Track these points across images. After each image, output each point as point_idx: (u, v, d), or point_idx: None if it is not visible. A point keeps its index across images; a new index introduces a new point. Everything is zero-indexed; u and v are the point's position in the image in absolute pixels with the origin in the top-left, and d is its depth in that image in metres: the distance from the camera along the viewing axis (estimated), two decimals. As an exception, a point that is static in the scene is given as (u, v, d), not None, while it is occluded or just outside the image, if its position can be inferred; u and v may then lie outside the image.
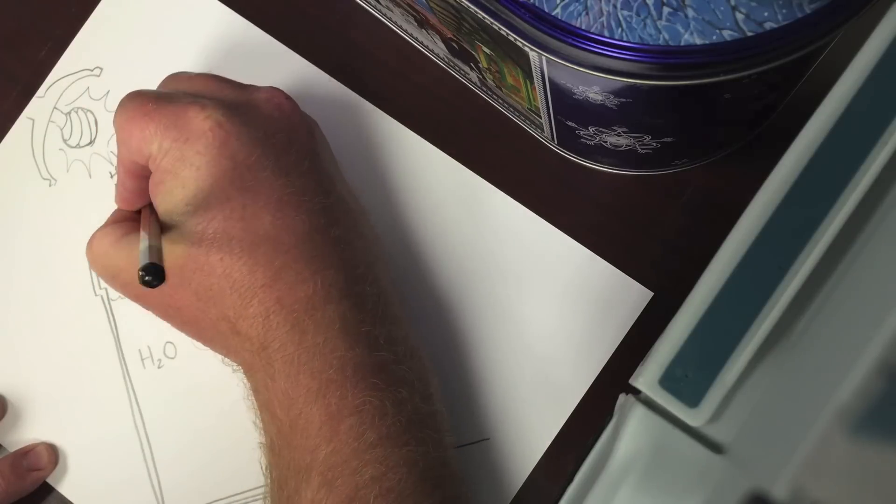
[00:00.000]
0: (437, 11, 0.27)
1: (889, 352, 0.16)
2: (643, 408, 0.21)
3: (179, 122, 0.27)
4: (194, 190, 0.27)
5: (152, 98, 0.28)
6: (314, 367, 0.27)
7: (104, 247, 0.30)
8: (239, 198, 0.27)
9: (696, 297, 0.20)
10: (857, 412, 0.16)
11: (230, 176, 0.27)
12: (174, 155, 0.27)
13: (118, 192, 0.31)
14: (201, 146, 0.27)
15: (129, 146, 0.28)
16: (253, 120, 0.28)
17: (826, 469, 0.16)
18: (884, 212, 0.20)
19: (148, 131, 0.27)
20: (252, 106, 0.29)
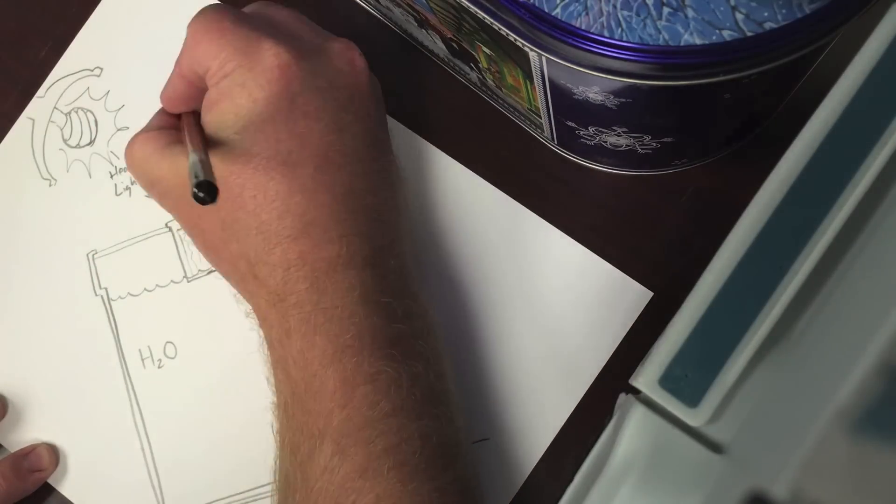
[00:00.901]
0: (437, 11, 0.27)
1: (889, 352, 0.16)
2: (643, 408, 0.21)
3: (250, 49, 0.27)
4: (246, 120, 0.27)
5: (232, 16, 0.28)
6: (330, 330, 0.27)
7: (146, 152, 0.29)
8: (287, 141, 0.27)
9: (696, 297, 0.20)
10: (857, 412, 0.16)
11: (285, 117, 0.27)
12: (236, 79, 0.27)
13: (166, 92, 0.31)
14: (264, 80, 0.27)
15: (194, 53, 0.28)
16: (322, 69, 0.28)
17: (826, 469, 0.16)
18: (884, 212, 0.20)
19: (217, 46, 0.27)
20: (325, 55, 0.29)
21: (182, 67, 0.29)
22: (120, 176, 0.37)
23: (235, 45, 0.27)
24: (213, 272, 0.36)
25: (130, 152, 0.30)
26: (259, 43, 0.27)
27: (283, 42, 0.27)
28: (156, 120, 0.31)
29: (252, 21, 0.28)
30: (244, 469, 0.34)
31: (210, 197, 0.24)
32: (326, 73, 0.28)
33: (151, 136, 0.30)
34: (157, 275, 0.36)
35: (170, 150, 0.29)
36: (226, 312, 0.35)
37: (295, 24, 0.30)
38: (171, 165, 0.29)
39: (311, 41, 0.29)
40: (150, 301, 0.36)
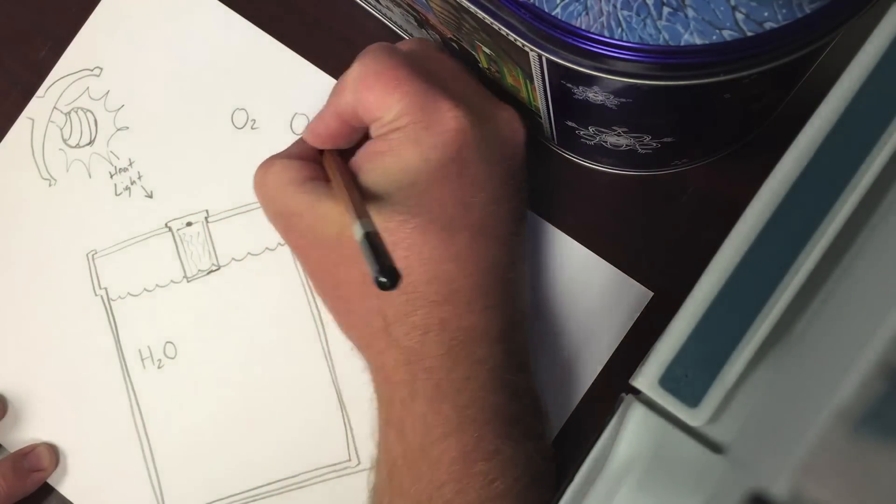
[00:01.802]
0: (437, 11, 0.27)
1: (889, 352, 0.16)
2: (643, 408, 0.21)
3: (429, 107, 0.26)
4: (413, 179, 0.26)
5: (407, 64, 0.26)
6: (458, 400, 0.26)
7: (283, 181, 0.28)
8: (451, 207, 0.26)
9: (696, 297, 0.20)
10: (857, 412, 0.16)
11: (452, 184, 0.26)
12: (409, 134, 0.26)
13: (315, 125, 0.29)
14: (440, 142, 0.26)
15: (364, 99, 0.26)
16: (491, 138, 0.27)
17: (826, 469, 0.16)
18: (884, 212, 0.20)
19: (392, 97, 0.26)
20: (494, 122, 0.28)
21: (341, 107, 0.28)
22: (119, 176, 0.37)
23: (412, 98, 0.26)
24: (212, 272, 0.36)
25: (263, 177, 0.29)
26: (437, 102, 0.26)
27: (461, 105, 0.26)
28: (296, 149, 0.30)
29: (426, 73, 0.27)
30: (244, 469, 0.34)
31: (393, 284, 0.22)
32: (494, 143, 0.28)
33: (292, 165, 0.28)
34: (156, 275, 0.36)
35: (311, 185, 0.28)
36: (225, 312, 0.35)
37: (462, 78, 0.29)
38: (311, 203, 0.27)
39: (482, 105, 0.28)
40: (150, 301, 0.36)
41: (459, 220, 0.26)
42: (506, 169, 0.28)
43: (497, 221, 0.27)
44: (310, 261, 0.29)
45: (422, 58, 0.29)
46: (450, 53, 0.30)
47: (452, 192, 0.26)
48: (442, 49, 0.30)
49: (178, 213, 0.36)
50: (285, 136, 0.36)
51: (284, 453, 0.34)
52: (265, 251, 0.35)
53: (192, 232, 0.36)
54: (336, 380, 0.34)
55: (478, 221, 0.27)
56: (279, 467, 0.34)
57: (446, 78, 0.28)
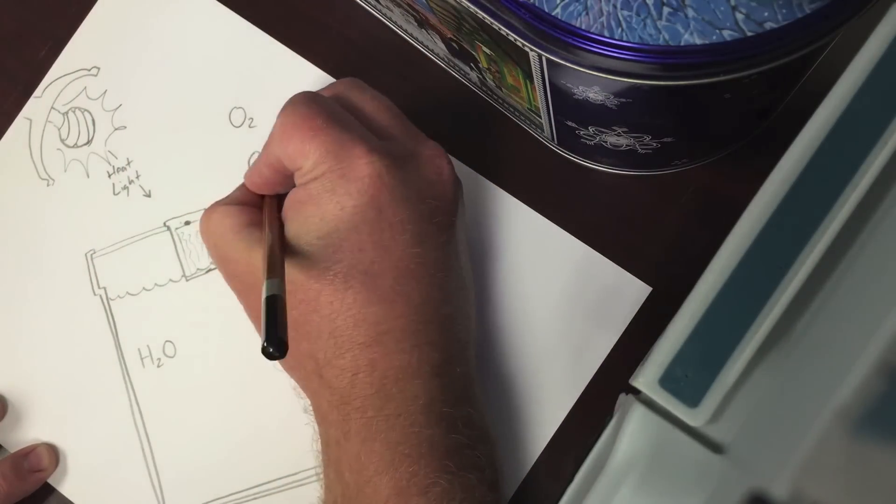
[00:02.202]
0: (437, 11, 0.27)
1: (889, 352, 0.16)
2: (643, 408, 0.21)
3: (342, 154, 0.27)
4: (332, 227, 0.27)
5: (323, 114, 0.27)
6: (390, 437, 0.26)
7: (223, 228, 0.29)
8: (371, 252, 0.27)
9: (696, 297, 0.20)
10: (857, 412, 0.16)
11: (371, 228, 0.27)
12: (325, 184, 0.27)
13: (251, 174, 0.30)
14: (354, 189, 0.27)
15: (285, 149, 0.27)
16: (411, 179, 0.28)
17: (826, 469, 0.16)
18: (884, 212, 0.20)
19: (308, 147, 0.27)
20: (415, 162, 0.28)
21: (270, 158, 0.29)
22: (117, 175, 0.37)
23: (328, 147, 0.27)
24: (211, 271, 0.36)
25: (207, 223, 0.30)
26: (352, 149, 0.27)
27: (376, 151, 0.27)
28: (238, 193, 0.31)
29: (344, 119, 0.28)
30: (244, 468, 0.34)
31: (280, 353, 0.23)
32: (415, 183, 0.28)
33: (231, 211, 0.29)
34: (155, 274, 0.36)
35: (247, 232, 0.29)
36: (225, 311, 0.35)
37: (385, 117, 0.29)
38: (245, 250, 0.28)
39: (402, 144, 0.29)
40: (149, 300, 0.36)
41: (380, 263, 0.27)
42: (428, 208, 0.28)
43: (422, 261, 0.27)
44: (247, 305, 0.30)
45: (345, 99, 0.29)
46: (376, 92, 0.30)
47: (371, 237, 0.27)
48: (366, 88, 0.30)
49: (177, 212, 0.36)
50: (284, 135, 0.36)
51: (284, 451, 0.34)
52: (264, 251, 0.35)
53: (190, 231, 0.36)
54: (335, 379, 0.34)
55: (400, 263, 0.27)
56: (279, 465, 0.34)
57: (370, 118, 0.29)
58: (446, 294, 0.28)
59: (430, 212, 0.28)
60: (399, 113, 0.30)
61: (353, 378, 0.27)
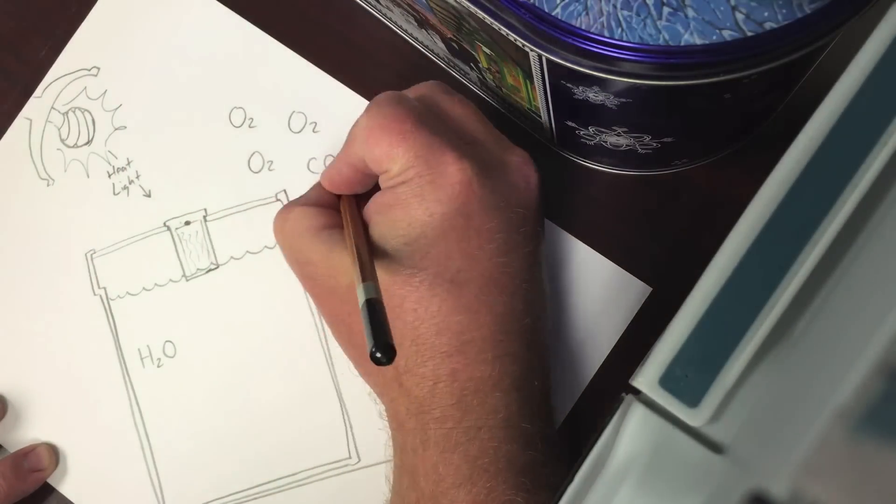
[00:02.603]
0: (437, 11, 0.27)
1: (889, 352, 0.16)
2: (643, 408, 0.21)
3: (433, 160, 0.26)
4: (419, 233, 0.26)
5: (413, 116, 0.27)
6: (469, 450, 0.26)
7: (301, 228, 0.29)
8: (458, 260, 0.26)
9: (696, 297, 0.20)
10: (857, 412, 0.16)
11: (459, 236, 0.26)
12: (414, 189, 0.26)
13: (329, 174, 0.30)
14: (444, 195, 0.26)
15: (372, 152, 0.27)
16: (500, 186, 0.27)
17: (826, 469, 0.16)
18: (884, 212, 0.20)
19: (397, 150, 0.26)
20: (504, 170, 0.28)
21: (352, 158, 0.28)
22: (117, 175, 0.37)
23: (417, 151, 0.26)
24: (211, 271, 0.36)
25: (283, 224, 0.29)
26: (442, 154, 0.26)
27: (466, 157, 0.26)
28: (314, 194, 0.30)
29: (433, 122, 0.27)
30: (244, 468, 0.34)
31: (388, 360, 0.22)
32: (504, 191, 0.27)
33: (309, 212, 0.29)
34: (155, 274, 0.36)
35: (327, 234, 0.28)
36: (225, 311, 0.35)
37: (472, 123, 0.29)
38: (326, 253, 0.28)
39: (491, 151, 0.28)
40: (149, 300, 0.36)
41: (467, 272, 0.26)
42: (517, 216, 0.28)
43: (508, 271, 0.27)
44: (325, 308, 0.30)
45: (432, 103, 0.29)
46: (461, 96, 0.30)
47: (458, 244, 0.26)
48: (451, 91, 0.30)
49: (177, 212, 0.36)
50: (283, 134, 0.36)
51: (284, 451, 0.34)
52: (264, 249, 0.35)
53: (190, 231, 0.36)
54: (336, 377, 0.34)
55: (486, 272, 0.27)
56: (279, 465, 0.34)
57: (457, 122, 0.28)
58: (528, 305, 0.28)
59: (518, 221, 0.28)
60: (485, 119, 0.29)
61: (434, 387, 0.26)
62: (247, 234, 0.36)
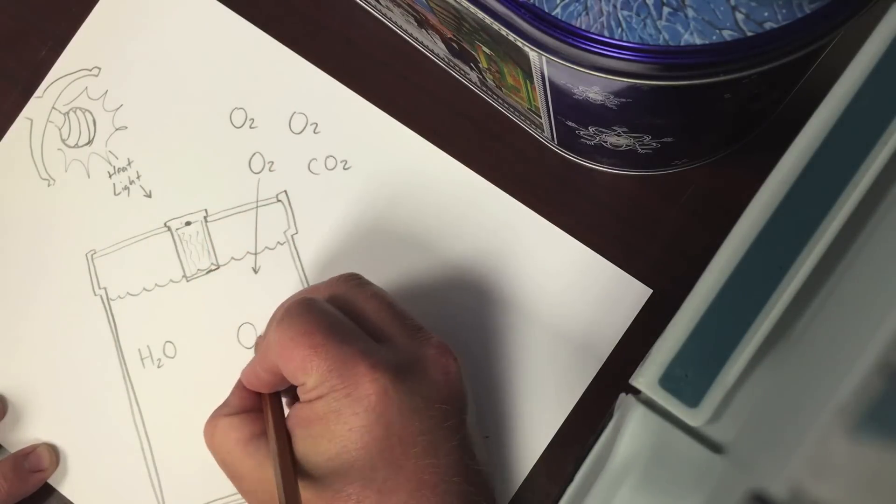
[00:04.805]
0: (437, 11, 0.27)
1: (889, 352, 0.16)
2: (643, 408, 0.21)
3: (346, 373, 0.26)
4: (341, 447, 0.26)
5: (323, 327, 0.27)
6: None
7: (230, 442, 0.29)
8: (383, 469, 0.26)
9: (696, 297, 0.20)
10: (857, 412, 0.16)
11: (381, 446, 0.26)
12: (330, 404, 0.26)
13: (249, 375, 0.30)
14: (360, 408, 0.26)
15: (284, 365, 0.27)
16: (418, 386, 0.27)
17: (826, 469, 0.16)
18: (884, 212, 0.20)
19: (310, 365, 0.26)
20: (420, 367, 0.28)
21: (268, 364, 0.28)
22: (118, 175, 0.37)
23: (329, 365, 0.26)
24: (211, 271, 0.36)
25: (212, 438, 0.29)
26: (355, 365, 0.26)
27: (380, 362, 0.26)
28: (236, 399, 0.30)
29: (344, 329, 0.27)
30: (244, 469, 0.34)
31: None
32: (422, 391, 0.27)
33: (234, 423, 0.29)
34: (156, 274, 0.36)
35: (254, 446, 0.28)
36: (225, 311, 0.35)
37: (385, 318, 0.29)
38: (254, 467, 0.28)
39: (406, 348, 0.28)
40: (150, 301, 0.36)
41: (394, 480, 0.26)
42: (439, 413, 0.27)
43: (437, 470, 0.27)
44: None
45: (344, 302, 0.29)
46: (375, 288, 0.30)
47: (382, 455, 0.26)
48: (364, 284, 0.30)
49: (177, 213, 0.36)
50: (283, 134, 0.36)
51: (284, 453, 0.34)
52: (265, 250, 0.35)
53: (191, 231, 0.36)
54: (336, 379, 0.34)
55: (414, 476, 0.26)
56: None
57: (370, 320, 0.28)
58: (463, 497, 0.27)
59: (440, 417, 0.27)
60: (399, 311, 0.29)
61: None
62: (247, 235, 0.36)
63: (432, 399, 0.27)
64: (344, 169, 0.35)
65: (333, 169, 0.36)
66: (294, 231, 0.35)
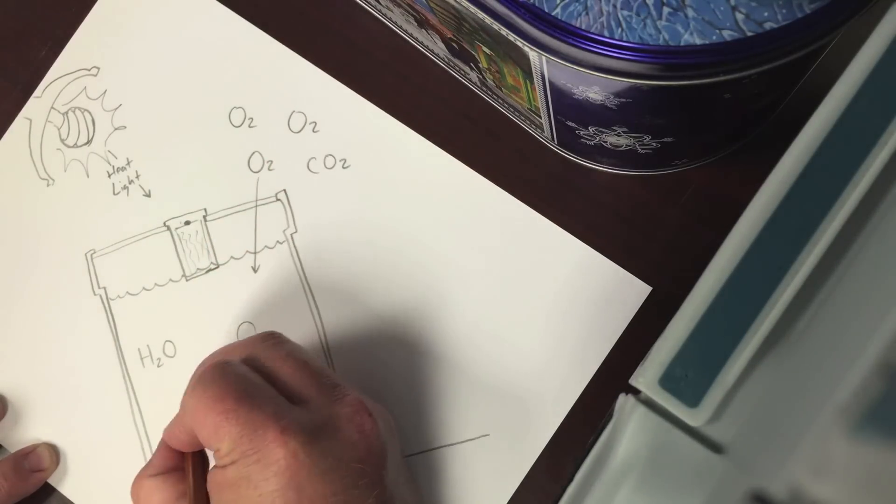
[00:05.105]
0: (437, 11, 0.27)
1: (889, 352, 0.16)
2: (643, 408, 0.21)
3: (256, 438, 0.26)
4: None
5: (233, 392, 0.27)
6: None
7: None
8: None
9: (696, 297, 0.20)
10: (857, 412, 0.16)
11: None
12: (241, 470, 0.26)
13: (170, 433, 0.30)
14: (271, 472, 0.26)
15: (198, 431, 0.27)
16: (330, 447, 0.27)
17: (826, 469, 0.16)
18: (884, 212, 0.20)
19: (221, 432, 0.26)
20: (334, 426, 0.27)
21: (187, 426, 0.28)
22: (117, 175, 0.37)
23: (240, 430, 0.26)
24: (211, 271, 0.36)
25: (137, 498, 0.29)
26: (265, 430, 0.26)
27: (290, 425, 0.26)
28: (160, 459, 0.30)
29: (256, 392, 0.27)
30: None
31: None
32: (335, 451, 0.27)
33: (158, 484, 0.29)
34: (155, 274, 0.36)
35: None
36: (224, 311, 0.35)
37: (299, 378, 0.28)
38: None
39: (320, 409, 0.28)
40: (149, 300, 0.36)
41: None
42: (352, 472, 0.27)
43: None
44: None
45: (259, 363, 0.29)
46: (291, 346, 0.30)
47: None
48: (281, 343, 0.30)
49: (177, 212, 0.36)
50: (283, 134, 0.36)
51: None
52: (264, 249, 0.35)
53: (190, 231, 0.36)
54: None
55: None
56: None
57: (285, 382, 0.28)
58: None
59: (354, 476, 0.27)
60: (315, 369, 0.29)
61: None
62: (247, 234, 0.36)
63: (346, 458, 0.27)
64: (343, 168, 0.35)
65: (332, 168, 0.36)
66: (293, 230, 0.35)
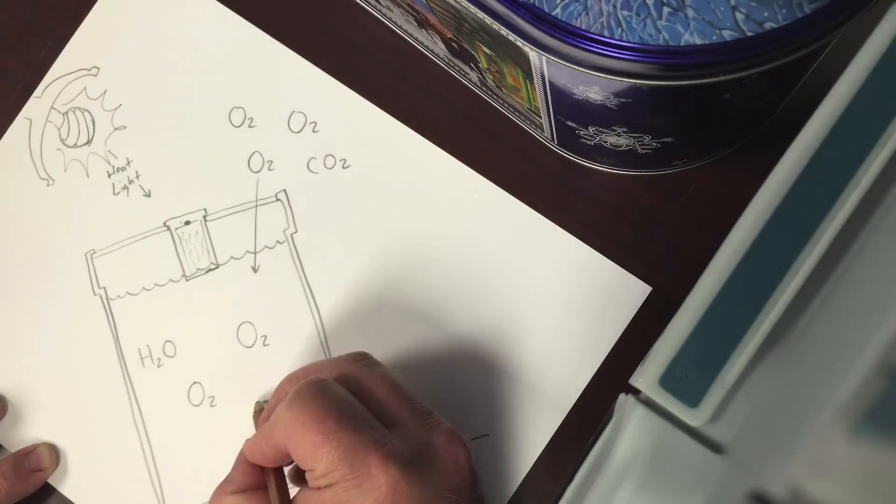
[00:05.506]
0: (437, 11, 0.27)
1: (889, 352, 0.16)
2: (643, 408, 0.21)
3: (357, 462, 0.25)
4: None
5: (335, 413, 0.26)
6: None
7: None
8: None
9: (696, 297, 0.20)
10: (857, 412, 0.16)
11: None
12: (339, 494, 0.26)
13: (253, 450, 0.29)
14: (370, 500, 0.25)
15: (293, 449, 0.26)
16: (428, 476, 0.27)
17: (826, 469, 0.16)
18: (884, 212, 0.20)
19: (321, 452, 0.26)
20: (431, 455, 0.27)
21: (275, 442, 0.27)
22: (117, 175, 0.37)
23: (340, 454, 0.25)
24: (211, 271, 0.36)
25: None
26: (366, 455, 0.26)
27: (391, 453, 0.26)
28: (240, 475, 0.30)
29: (355, 415, 0.27)
30: (243, 469, 0.34)
31: None
32: (433, 481, 0.27)
33: (241, 502, 0.29)
34: (155, 274, 0.36)
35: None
36: (225, 311, 0.35)
37: (395, 402, 0.28)
38: None
39: (416, 436, 0.28)
40: (149, 300, 0.36)
41: None
42: (449, 502, 0.27)
43: None
44: None
45: (355, 384, 0.28)
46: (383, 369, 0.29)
47: None
48: (373, 364, 0.29)
49: (177, 212, 0.36)
50: (282, 134, 0.36)
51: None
52: (264, 249, 0.35)
53: (190, 231, 0.36)
54: (335, 379, 0.34)
55: None
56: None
57: (380, 403, 0.28)
58: None
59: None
60: (409, 394, 0.29)
61: None
62: (247, 234, 0.36)
63: (443, 488, 0.27)
64: (343, 168, 0.35)
65: (332, 168, 0.36)
66: (293, 230, 0.35)
